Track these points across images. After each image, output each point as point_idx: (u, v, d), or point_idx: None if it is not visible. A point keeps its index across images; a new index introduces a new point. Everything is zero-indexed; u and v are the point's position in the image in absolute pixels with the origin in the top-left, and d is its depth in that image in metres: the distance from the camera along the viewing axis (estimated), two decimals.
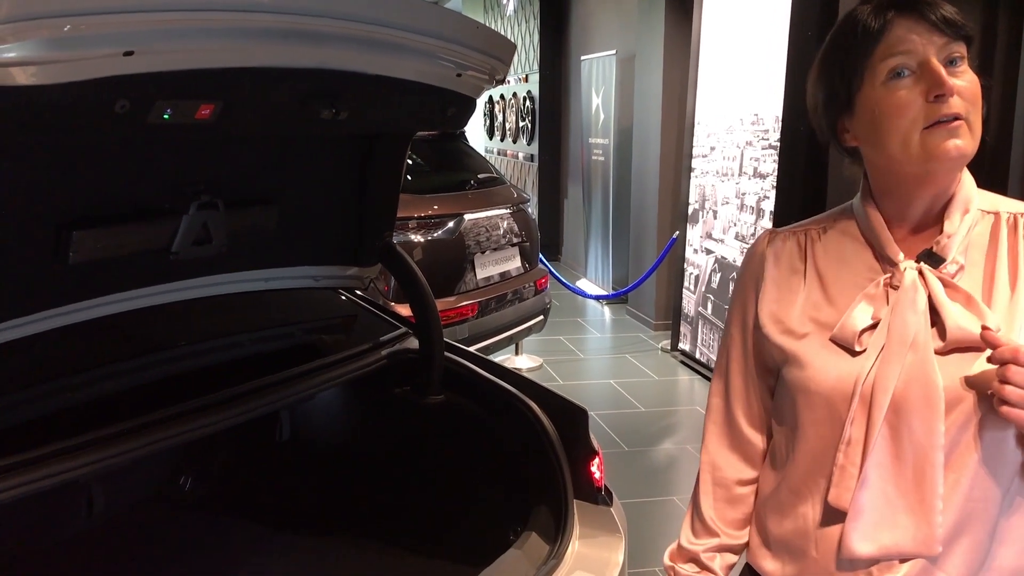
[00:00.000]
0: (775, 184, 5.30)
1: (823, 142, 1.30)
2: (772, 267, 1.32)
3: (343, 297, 2.53)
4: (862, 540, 1.17)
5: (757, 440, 1.40)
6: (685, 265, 6.51)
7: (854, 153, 1.27)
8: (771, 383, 1.37)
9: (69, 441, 1.64)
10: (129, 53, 1.26)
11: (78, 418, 1.73)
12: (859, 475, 1.17)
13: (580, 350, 6.97)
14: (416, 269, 2.34)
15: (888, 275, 1.21)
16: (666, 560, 1.45)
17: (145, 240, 1.78)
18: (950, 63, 1.14)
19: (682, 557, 1.44)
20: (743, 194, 5.69)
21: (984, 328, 1.11)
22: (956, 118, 1.13)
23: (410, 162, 5.26)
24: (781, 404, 1.32)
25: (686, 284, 6.50)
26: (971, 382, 1.13)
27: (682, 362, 6.48)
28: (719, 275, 5.99)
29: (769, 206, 5.36)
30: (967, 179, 1.22)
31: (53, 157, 1.52)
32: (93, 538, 2.45)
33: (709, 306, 6.13)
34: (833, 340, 1.22)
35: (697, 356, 6.28)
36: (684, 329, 6.53)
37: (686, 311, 6.50)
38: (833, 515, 1.21)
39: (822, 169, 5.12)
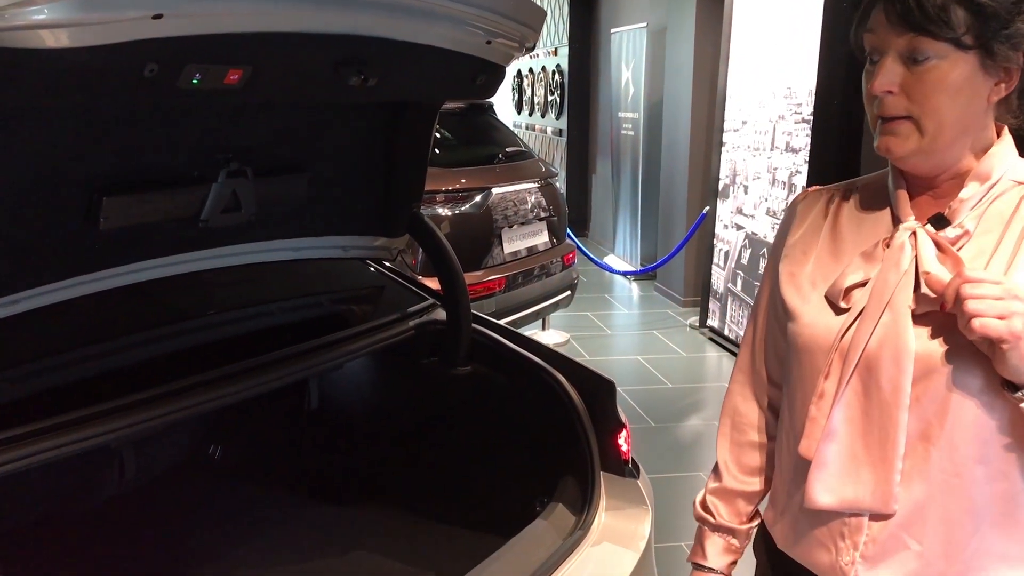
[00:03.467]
0: (807, 159, 5.23)
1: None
2: (798, 224, 1.34)
3: (371, 268, 2.53)
4: (824, 491, 1.19)
5: (777, 390, 1.41)
6: (715, 241, 6.45)
7: None
8: None
9: (100, 406, 1.66)
10: (158, 16, 1.25)
11: (109, 384, 1.75)
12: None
13: (607, 326, 6.95)
14: (444, 240, 2.34)
15: (889, 235, 1.21)
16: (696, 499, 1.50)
17: (175, 207, 1.78)
18: (912, 60, 1.11)
19: (699, 499, 1.49)
20: (775, 169, 5.62)
21: (925, 273, 1.11)
22: (892, 118, 1.12)
23: (438, 136, 5.24)
24: (786, 359, 1.34)
25: (715, 260, 6.45)
26: (947, 352, 1.12)
27: (710, 339, 6.44)
28: (749, 251, 5.94)
29: (801, 181, 5.30)
30: (1000, 149, 1.19)
31: (83, 122, 1.52)
32: (126, 504, 2.48)
33: (739, 282, 6.08)
34: (826, 296, 1.23)
35: (726, 333, 6.24)
36: (713, 306, 6.48)
37: (715, 287, 6.45)
38: (807, 469, 1.22)
39: (855, 143, 5.04)
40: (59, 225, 1.62)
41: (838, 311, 1.21)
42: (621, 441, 2.13)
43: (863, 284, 1.19)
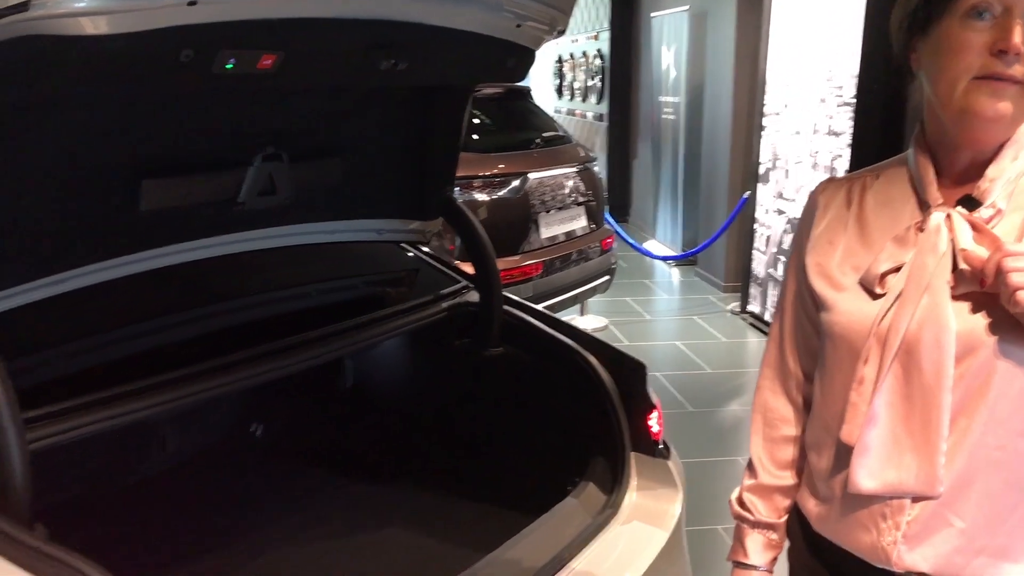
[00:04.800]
0: (849, 142, 5.16)
1: (896, 63, 1.27)
2: (821, 215, 1.34)
3: (406, 251, 2.56)
4: (867, 476, 1.19)
5: (806, 382, 1.41)
6: (756, 226, 6.40)
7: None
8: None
9: (141, 382, 1.71)
10: (193, 3, 1.29)
11: (150, 362, 1.80)
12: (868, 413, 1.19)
13: (646, 311, 6.94)
14: (476, 223, 2.36)
15: (920, 219, 1.20)
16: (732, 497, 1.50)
17: (212, 190, 1.83)
18: None
19: (736, 497, 1.48)
20: (816, 153, 5.56)
21: (962, 251, 1.11)
22: (1011, 80, 1.09)
23: (476, 121, 5.27)
24: (819, 348, 1.34)
25: (756, 245, 6.40)
26: (988, 327, 1.12)
27: (751, 324, 6.40)
28: (791, 236, 5.87)
29: (843, 165, 5.23)
30: None
31: (123, 107, 1.57)
32: (170, 479, 2.56)
33: (780, 267, 6.03)
34: (860, 283, 1.23)
35: (766, 318, 6.19)
36: (754, 291, 6.44)
37: (756, 273, 6.40)
38: (848, 454, 1.22)
39: (898, 127, 4.96)
40: (101, 207, 1.68)
41: (874, 297, 1.21)
42: (652, 422, 2.14)
43: (897, 269, 1.19)
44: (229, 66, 1.44)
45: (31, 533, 1.30)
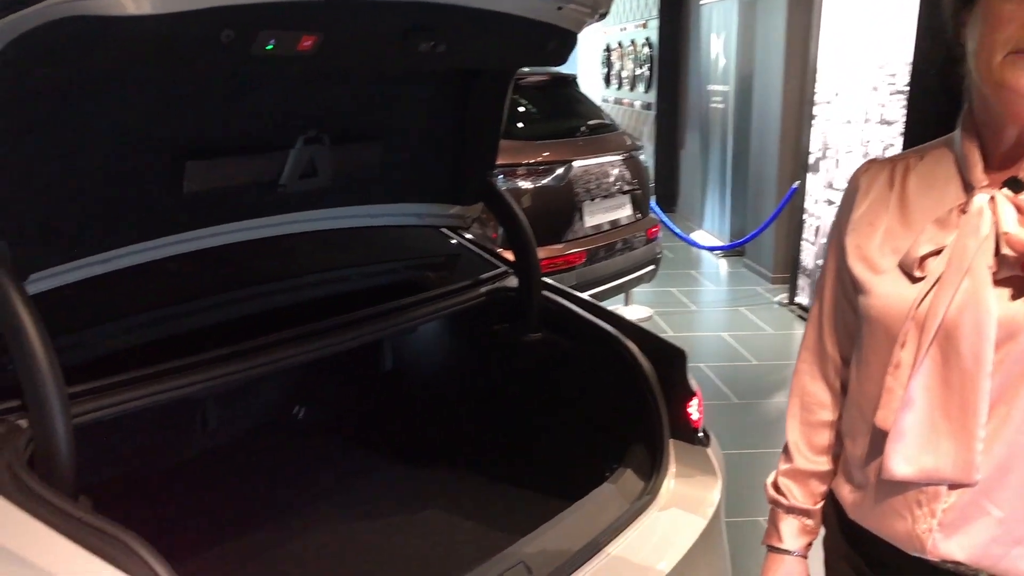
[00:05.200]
0: (902, 131, 5.06)
1: (947, 39, 1.24)
2: (862, 197, 1.31)
3: (446, 236, 2.57)
4: (902, 462, 1.17)
5: (846, 368, 1.38)
6: (805, 216, 6.31)
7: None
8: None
9: (184, 360, 1.74)
10: None
11: (192, 341, 1.83)
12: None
13: (692, 302, 6.88)
14: (516, 208, 2.36)
15: (964, 201, 1.17)
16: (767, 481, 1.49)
17: (255, 172, 1.85)
18: None
19: (771, 481, 1.47)
20: (867, 142, 5.45)
21: (1004, 234, 1.08)
22: None
23: (520, 109, 5.26)
24: (857, 332, 1.31)
25: (805, 236, 6.31)
26: None
27: (799, 316, 6.31)
28: None
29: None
30: None
31: (167, 89, 1.59)
32: (215, 459, 2.60)
33: None
34: (900, 266, 1.21)
35: None
36: (802, 282, 6.35)
37: (805, 264, 6.31)
38: (883, 440, 1.20)
39: (953, 116, 4.84)
40: (146, 188, 1.71)
41: (913, 280, 1.19)
42: (692, 409, 2.12)
43: (938, 252, 1.17)
44: (269, 47, 1.45)
45: (75, 504, 1.33)
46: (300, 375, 2.84)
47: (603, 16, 1.97)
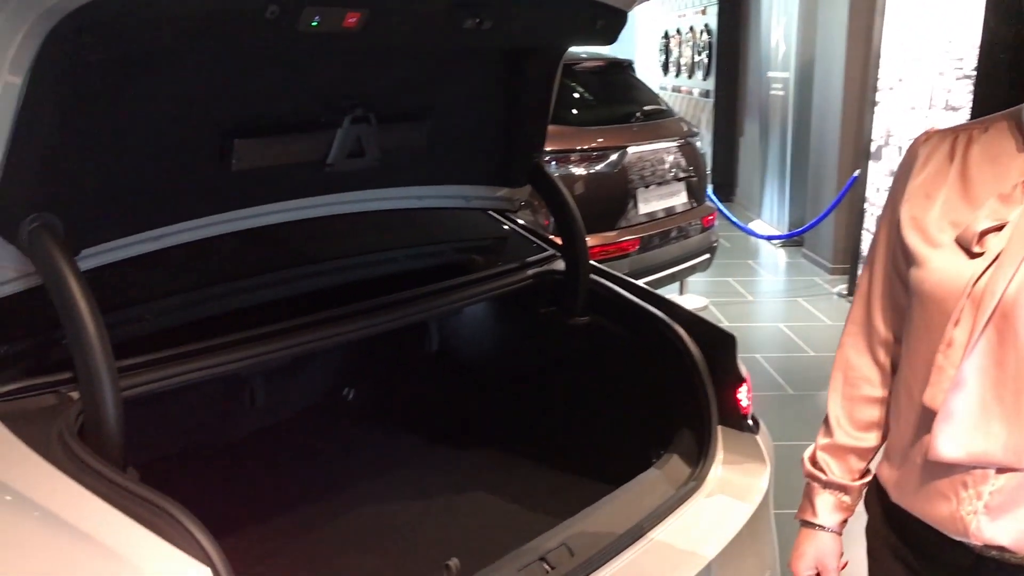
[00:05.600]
0: (969, 117, 4.91)
1: (1020, 14, 1.20)
2: (920, 167, 1.28)
3: (495, 219, 2.57)
4: (949, 443, 1.14)
5: (892, 342, 1.35)
6: (866, 205, 6.17)
7: None
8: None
9: (230, 336, 1.76)
10: None
11: (239, 319, 1.86)
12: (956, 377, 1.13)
13: (749, 292, 6.78)
14: (564, 190, 2.34)
15: None
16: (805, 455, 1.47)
17: (302, 151, 1.86)
18: None
19: (809, 455, 1.45)
20: None
21: None
22: None
23: (575, 95, 5.22)
24: (907, 307, 1.28)
25: (867, 225, 6.17)
26: None
27: None
28: None
29: None
30: None
31: (215, 67, 1.60)
32: (266, 440, 2.65)
33: None
34: (957, 241, 1.17)
35: None
36: None
37: (865, 254, 6.17)
38: (930, 419, 1.17)
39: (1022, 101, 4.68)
40: (195, 166, 1.73)
41: (971, 255, 1.15)
42: (741, 395, 2.09)
43: (999, 228, 1.14)
44: (314, 24, 1.45)
45: (122, 474, 1.36)
46: (348, 357, 2.86)
47: None
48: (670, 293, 6.19)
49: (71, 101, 1.43)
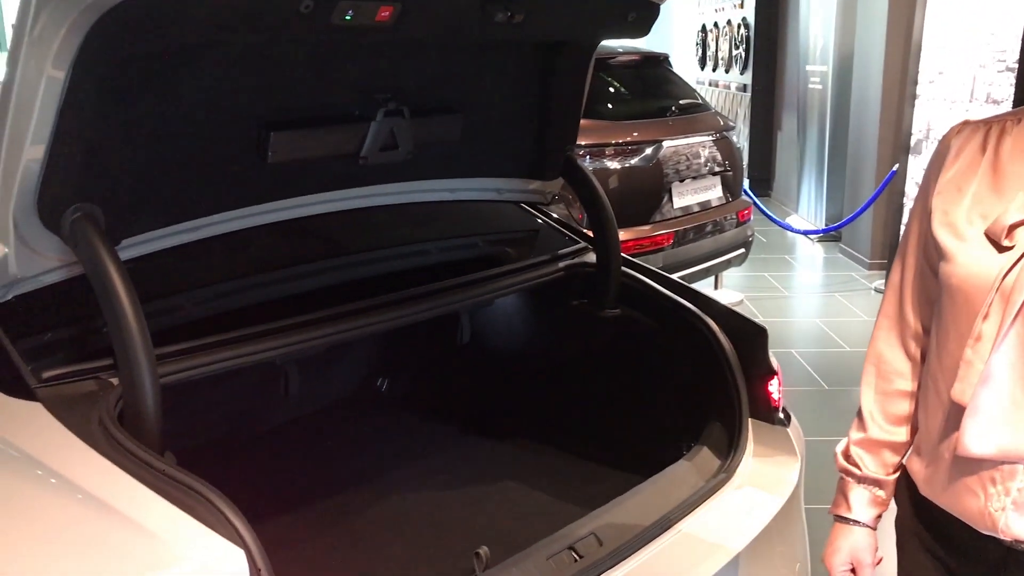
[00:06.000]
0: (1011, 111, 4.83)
1: None
2: (952, 159, 1.27)
3: (526, 212, 2.58)
4: (977, 438, 1.13)
5: (924, 336, 1.35)
6: (905, 200, 6.09)
7: None
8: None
9: (265, 326, 1.80)
10: None
11: (274, 309, 1.89)
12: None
13: (785, 287, 6.73)
14: (596, 184, 2.34)
15: None
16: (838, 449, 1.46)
17: (336, 144, 1.88)
18: None
19: (842, 449, 1.45)
20: None
21: None
22: None
23: (611, 89, 5.21)
24: (936, 301, 1.27)
25: (905, 220, 6.09)
26: None
27: None
28: None
29: None
30: None
31: (251, 60, 1.63)
32: (302, 428, 2.69)
33: None
34: (986, 234, 1.16)
35: None
36: None
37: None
38: (959, 414, 1.17)
39: None
40: (232, 158, 1.76)
41: (1000, 249, 1.15)
42: (772, 388, 2.08)
43: None
44: (348, 17, 1.48)
45: (160, 458, 1.39)
46: (382, 349, 2.89)
47: None
48: (705, 288, 6.15)
49: (112, 94, 1.46)
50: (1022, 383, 1.11)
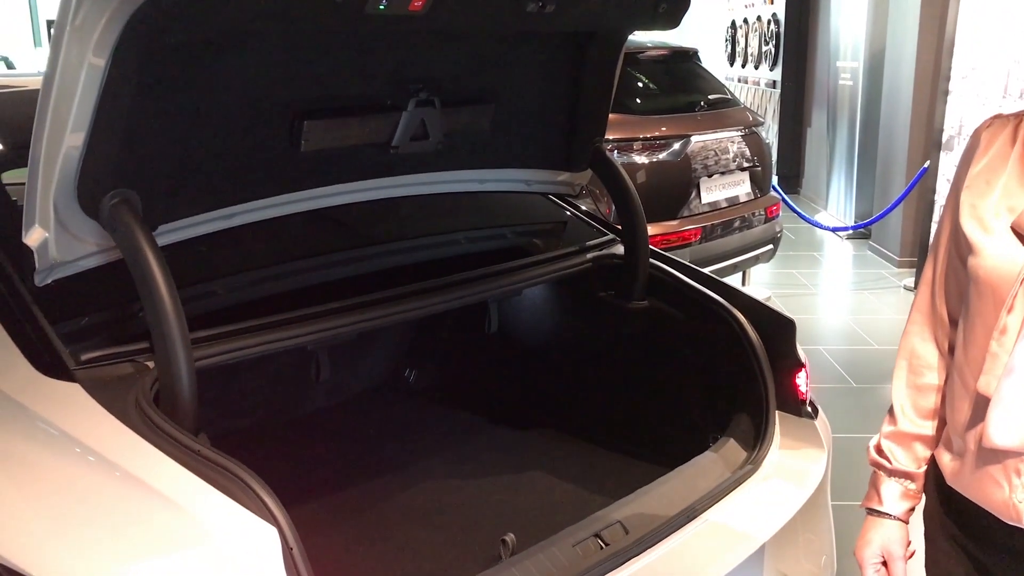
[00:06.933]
0: None
1: None
2: (981, 153, 1.28)
3: (555, 203, 2.59)
4: (1002, 430, 1.14)
5: (954, 330, 1.34)
6: (935, 197, 6.02)
7: None
8: None
9: (296, 312, 1.82)
10: None
11: (306, 296, 1.92)
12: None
13: (813, 285, 6.68)
14: (625, 176, 2.35)
15: None
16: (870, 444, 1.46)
17: (368, 133, 1.90)
18: None
19: (874, 444, 1.45)
20: None
21: None
22: None
23: (639, 84, 5.21)
24: (964, 294, 1.27)
25: (936, 218, 6.03)
26: None
27: None
28: None
29: None
30: None
31: (285, 49, 1.66)
32: (333, 417, 2.72)
33: None
34: (1013, 228, 1.17)
35: None
36: None
37: None
38: (985, 406, 1.17)
39: None
40: (266, 146, 1.79)
41: None
42: (799, 381, 2.08)
43: None
44: (382, 7, 1.49)
45: (194, 439, 1.42)
46: (411, 338, 2.92)
47: None
48: (733, 284, 6.12)
49: (150, 82, 1.49)
50: None
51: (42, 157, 1.45)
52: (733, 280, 5.93)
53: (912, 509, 1.42)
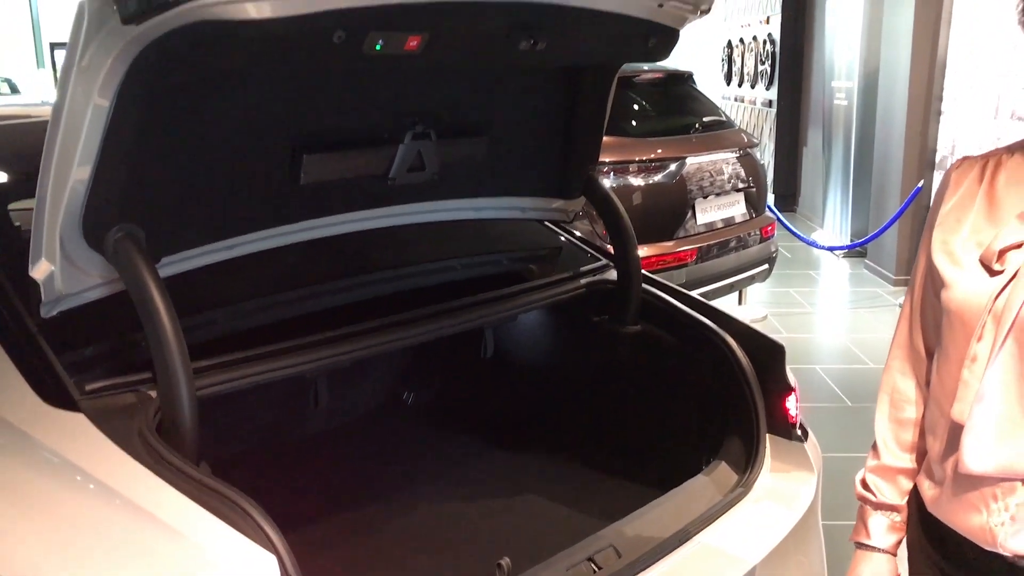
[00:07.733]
0: None
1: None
2: (951, 192, 1.32)
3: (549, 229, 2.63)
4: (976, 456, 1.17)
5: (931, 364, 1.37)
6: None
7: None
8: None
9: (296, 341, 1.86)
10: None
11: (305, 324, 1.96)
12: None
13: (809, 303, 6.73)
14: (617, 202, 2.40)
15: None
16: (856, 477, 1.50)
17: (366, 166, 1.95)
18: None
19: (860, 478, 1.49)
20: (999, 139, 5.22)
21: None
22: None
23: (635, 107, 5.26)
24: (939, 326, 1.31)
25: None
26: None
27: None
28: None
29: None
30: None
31: (285, 86, 1.71)
32: (328, 441, 2.75)
33: None
34: (980, 260, 1.21)
35: None
36: None
37: None
38: (960, 434, 1.20)
39: None
40: (266, 179, 1.84)
41: (992, 273, 1.19)
42: (789, 404, 2.12)
43: (1019, 246, 1.18)
44: (378, 47, 1.54)
45: (196, 468, 1.46)
46: (408, 363, 2.95)
47: (705, 13, 1.98)
48: (729, 303, 6.17)
49: (153, 120, 1.54)
50: (1017, 401, 1.15)
51: (48, 193, 1.50)
52: (730, 300, 5.98)
53: (900, 541, 1.45)
